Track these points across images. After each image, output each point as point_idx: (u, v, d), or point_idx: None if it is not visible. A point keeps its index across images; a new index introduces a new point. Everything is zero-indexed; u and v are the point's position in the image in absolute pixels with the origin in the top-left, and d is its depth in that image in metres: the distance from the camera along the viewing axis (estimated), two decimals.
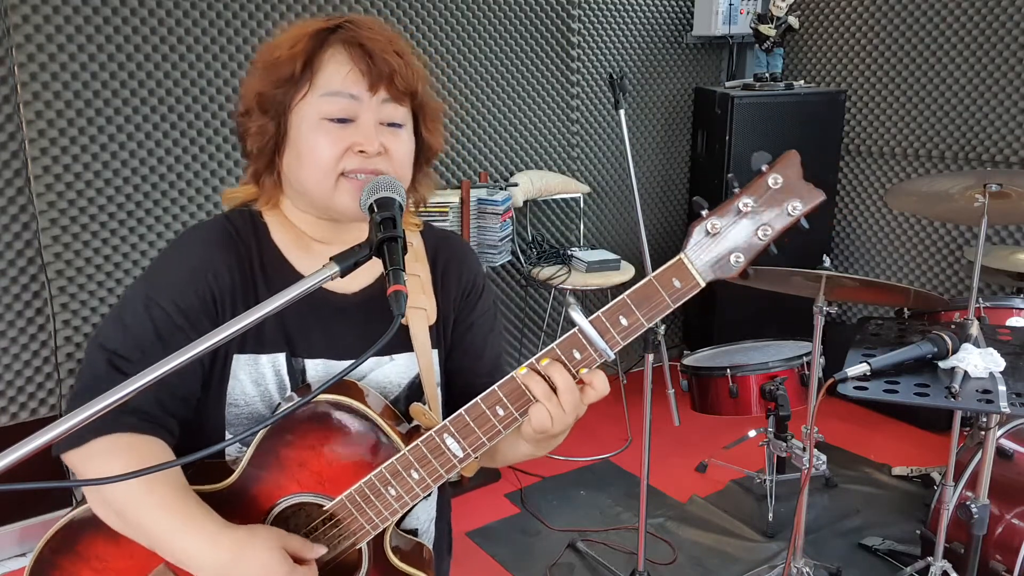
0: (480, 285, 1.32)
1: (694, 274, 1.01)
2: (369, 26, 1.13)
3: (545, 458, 3.49)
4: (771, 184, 1.00)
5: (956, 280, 3.93)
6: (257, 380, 1.17)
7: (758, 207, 1.00)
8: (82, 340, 2.86)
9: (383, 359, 1.23)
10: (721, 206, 1.01)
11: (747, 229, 1.00)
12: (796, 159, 1.00)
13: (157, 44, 2.83)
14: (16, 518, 2.91)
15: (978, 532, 2.04)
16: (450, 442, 1.08)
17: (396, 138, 1.13)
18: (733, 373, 2.92)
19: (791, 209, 1.00)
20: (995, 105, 3.67)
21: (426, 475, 1.09)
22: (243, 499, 1.13)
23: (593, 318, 1.03)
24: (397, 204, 1.04)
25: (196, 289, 1.12)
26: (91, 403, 0.81)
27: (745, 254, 1.01)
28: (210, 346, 0.86)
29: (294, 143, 1.12)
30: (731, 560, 2.86)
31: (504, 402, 1.06)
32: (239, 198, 1.22)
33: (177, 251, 1.18)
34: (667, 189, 4.47)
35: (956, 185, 2.27)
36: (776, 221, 1.00)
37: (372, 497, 1.11)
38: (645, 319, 1.03)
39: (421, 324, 1.23)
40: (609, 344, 1.03)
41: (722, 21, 4.17)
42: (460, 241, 1.36)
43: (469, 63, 3.62)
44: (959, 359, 1.79)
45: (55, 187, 2.72)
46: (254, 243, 1.18)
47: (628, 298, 1.02)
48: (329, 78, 1.10)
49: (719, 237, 1.01)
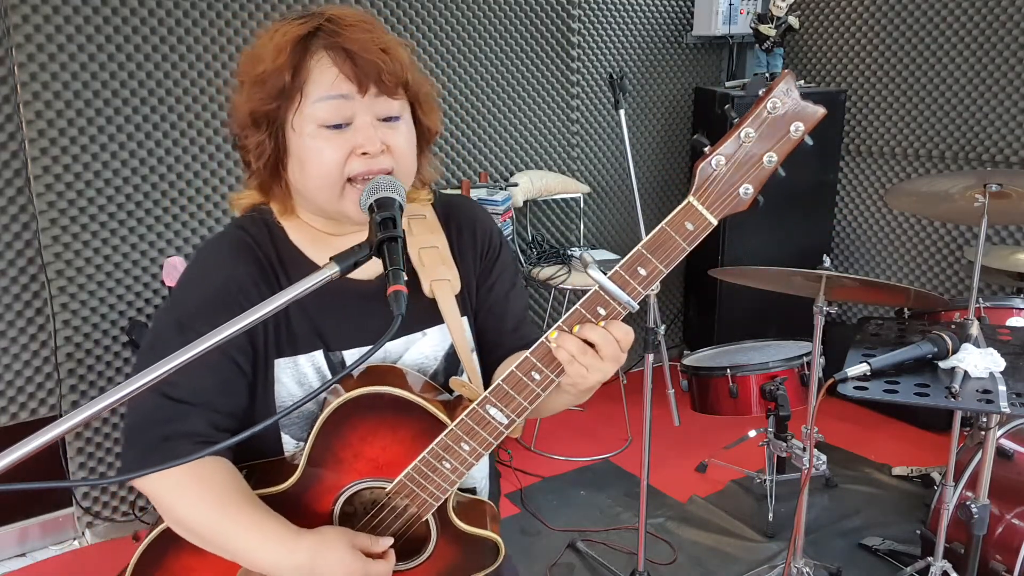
0: (496, 243, 1.32)
1: (705, 214, 1.02)
2: (349, 23, 1.11)
3: (545, 458, 3.51)
4: (770, 109, 0.99)
5: (956, 280, 3.93)
6: (300, 380, 1.19)
7: (760, 134, 1.00)
8: (82, 340, 2.86)
9: (415, 336, 1.24)
10: (722, 140, 1.01)
11: (752, 158, 1.00)
12: (791, 80, 0.99)
13: (157, 44, 2.83)
14: (16, 518, 2.92)
15: (978, 532, 2.04)
16: (493, 412, 1.11)
17: (395, 132, 1.13)
18: (733, 373, 2.92)
19: (794, 130, 0.99)
20: (995, 105, 3.67)
21: (477, 445, 1.13)
22: (308, 496, 1.17)
23: (612, 273, 1.05)
24: (397, 204, 1.04)
25: (225, 304, 1.11)
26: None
27: (753, 184, 1.01)
28: (219, 340, 0.88)
29: (296, 155, 1.12)
30: (731, 560, 2.86)
31: (538, 366, 1.08)
32: (246, 203, 1.23)
33: (199, 272, 1.19)
34: (667, 189, 4.47)
35: (956, 185, 2.27)
36: (780, 145, 1.00)
37: (429, 472, 1.14)
38: (663, 265, 1.04)
39: (447, 295, 1.24)
40: (632, 296, 1.05)
41: (722, 21, 4.17)
42: (469, 203, 1.37)
43: (469, 63, 3.62)
44: (959, 359, 1.79)
45: (55, 187, 2.72)
46: (272, 248, 1.19)
47: (643, 248, 1.04)
48: (318, 85, 1.09)
49: (726, 172, 1.01)
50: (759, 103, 1.00)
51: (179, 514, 1.13)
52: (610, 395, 3.86)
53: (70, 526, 3.01)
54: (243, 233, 1.19)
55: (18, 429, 2.83)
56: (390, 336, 0.89)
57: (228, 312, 1.09)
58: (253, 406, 1.19)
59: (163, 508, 1.14)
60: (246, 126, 1.13)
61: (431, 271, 1.23)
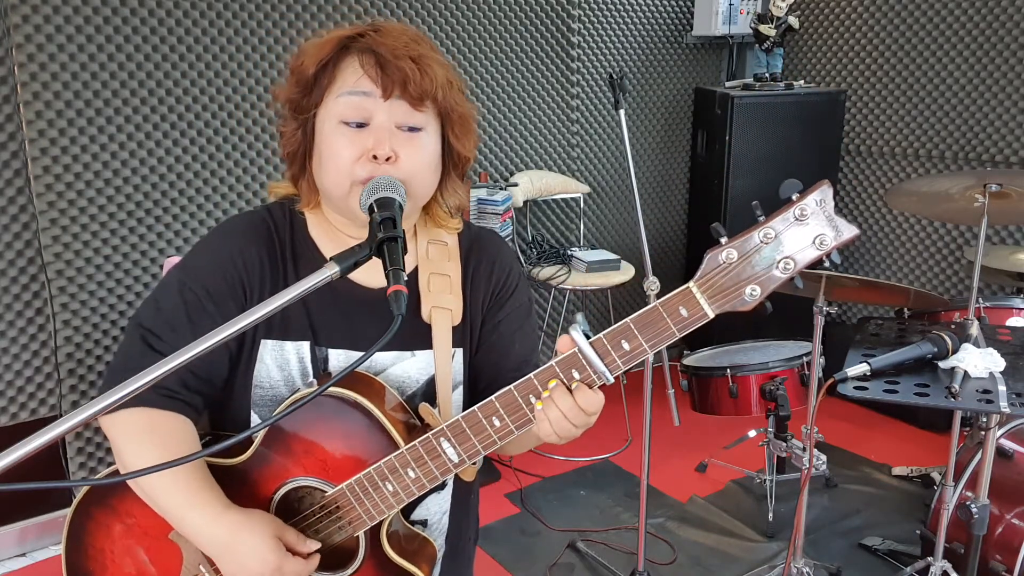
0: (512, 283, 1.32)
1: (703, 305, 0.97)
2: (390, 33, 1.14)
3: (545, 458, 3.51)
4: (798, 215, 0.93)
5: (956, 280, 3.93)
6: (282, 365, 1.21)
7: (781, 239, 0.93)
8: (82, 340, 2.86)
9: (405, 354, 1.25)
10: (740, 235, 0.95)
11: (767, 261, 0.94)
12: (828, 190, 0.93)
13: (157, 44, 2.83)
14: (16, 518, 2.91)
15: (978, 532, 2.05)
16: (446, 446, 1.10)
17: (413, 143, 1.13)
18: (733, 373, 2.92)
19: (819, 242, 0.93)
20: (995, 105, 3.67)
21: (422, 475, 1.12)
22: (252, 477, 1.19)
23: (594, 340, 1.01)
24: (397, 204, 1.05)
25: (225, 275, 1.18)
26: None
27: (763, 287, 0.95)
28: (228, 336, 0.89)
29: (318, 147, 1.16)
30: (731, 560, 2.86)
31: (500, 414, 1.06)
32: (282, 192, 1.27)
33: (214, 238, 1.24)
34: (667, 189, 4.47)
35: (956, 185, 2.27)
36: (801, 254, 0.93)
37: (370, 489, 1.13)
38: (648, 345, 1.00)
39: (444, 324, 1.24)
40: (609, 368, 1.01)
41: (722, 21, 4.17)
42: (495, 238, 1.37)
43: (469, 63, 3.62)
44: (959, 359, 1.79)
45: (55, 187, 2.72)
46: (288, 236, 1.23)
47: (632, 322, 0.99)
48: (343, 81, 1.13)
49: (735, 268, 0.95)
50: (789, 206, 0.93)
51: (125, 460, 1.17)
52: (610, 395, 3.84)
53: None
54: (267, 215, 1.24)
55: (18, 429, 2.83)
56: (390, 336, 0.89)
57: (226, 283, 1.18)
58: (232, 380, 1.22)
59: (115, 452, 1.18)
60: (285, 115, 1.18)
61: (435, 298, 1.24)
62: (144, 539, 1.23)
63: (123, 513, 1.23)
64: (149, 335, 1.17)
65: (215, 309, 1.16)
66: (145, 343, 1.16)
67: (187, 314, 1.16)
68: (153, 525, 1.21)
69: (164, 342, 1.16)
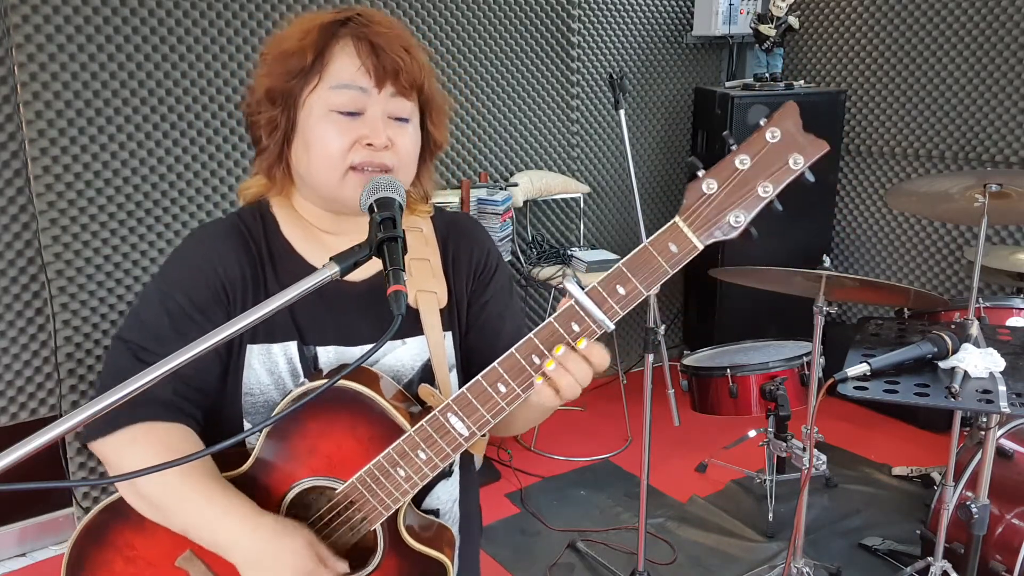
0: (492, 264, 1.32)
1: (690, 236, 0.98)
2: (378, 21, 1.15)
3: (545, 458, 3.51)
4: (769, 138, 0.96)
5: (956, 280, 3.93)
6: (271, 369, 1.19)
7: (756, 163, 0.96)
8: (82, 340, 2.86)
9: (395, 343, 1.24)
10: (717, 165, 0.97)
11: (747, 186, 0.96)
12: (794, 110, 0.96)
13: (157, 44, 2.83)
14: (16, 518, 2.92)
15: (978, 532, 2.04)
16: (454, 421, 1.08)
17: (402, 132, 1.15)
18: (733, 373, 2.92)
19: (793, 162, 0.95)
20: (995, 105, 3.67)
21: (433, 455, 1.10)
22: (259, 485, 1.16)
23: (589, 289, 1.01)
24: (397, 204, 1.04)
25: (207, 282, 1.15)
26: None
27: (746, 213, 0.97)
28: (218, 341, 0.88)
29: (303, 134, 1.14)
30: (731, 560, 2.86)
31: (505, 379, 1.05)
32: (252, 192, 1.25)
33: (188, 247, 1.21)
34: (667, 189, 4.47)
35: (956, 185, 2.27)
36: (778, 176, 0.96)
37: (382, 478, 1.11)
38: (643, 287, 1.00)
39: (432, 307, 1.24)
40: (607, 315, 1.01)
41: (722, 21, 4.17)
42: (470, 221, 1.37)
43: (469, 63, 3.62)
44: (959, 359, 1.79)
45: (55, 187, 2.72)
46: (263, 238, 1.21)
47: (624, 266, 1.00)
48: (339, 71, 1.12)
49: (716, 196, 0.97)
50: (759, 131, 0.97)
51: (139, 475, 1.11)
52: (610, 395, 3.87)
53: (70, 526, 3.01)
54: (238, 221, 1.21)
55: (18, 429, 2.83)
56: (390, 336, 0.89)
57: (209, 290, 1.15)
58: (222, 390, 1.20)
59: (118, 469, 1.12)
60: (261, 100, 1.15)
61: (419, 282, 1.23)
62: (148, 569, 1.18)
63: (123, 546, 1.18)
64: (138, 349, 1.14)
65: (201, 318, 1.14)
66: (135, 357, 1.13)
67: (172, 326, 1.14)
68: (157, 554, 1.17)
69: (153, 354, 1.11)
